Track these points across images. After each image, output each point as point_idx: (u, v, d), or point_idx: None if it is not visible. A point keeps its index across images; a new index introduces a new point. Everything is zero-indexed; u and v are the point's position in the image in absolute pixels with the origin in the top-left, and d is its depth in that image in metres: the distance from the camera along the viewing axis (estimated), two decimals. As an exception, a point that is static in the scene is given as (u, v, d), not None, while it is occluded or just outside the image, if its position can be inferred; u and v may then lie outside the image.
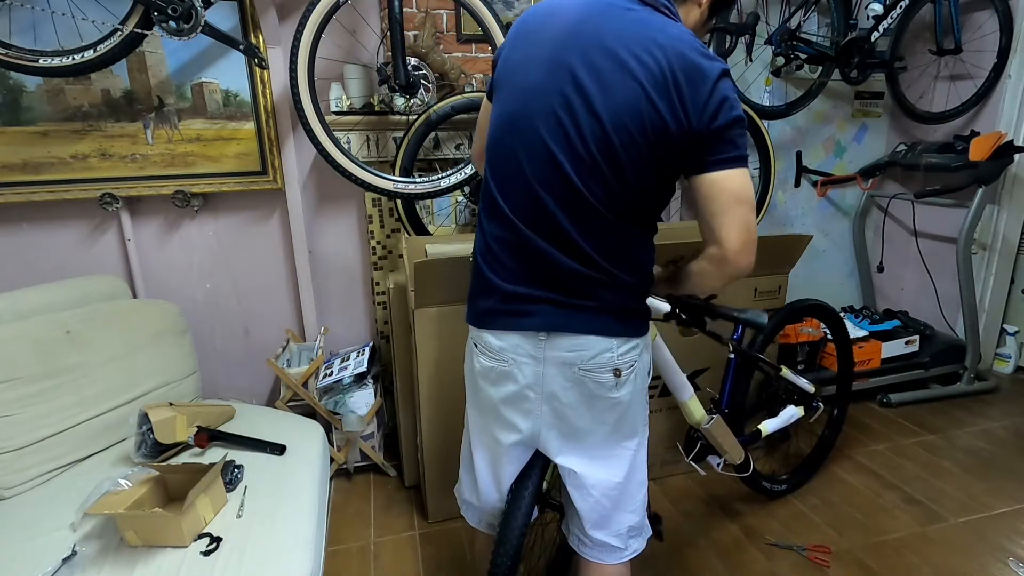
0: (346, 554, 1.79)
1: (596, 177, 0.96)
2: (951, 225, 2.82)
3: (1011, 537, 1.81)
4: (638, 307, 1.07)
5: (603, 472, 1.13)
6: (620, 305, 1.03)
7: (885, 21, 2.45)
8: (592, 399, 1.06)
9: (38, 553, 1.20)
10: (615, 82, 0.93)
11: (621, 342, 1.04)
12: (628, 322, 1.05)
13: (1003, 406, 2.65)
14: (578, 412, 1.08)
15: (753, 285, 2.02)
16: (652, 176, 0.97)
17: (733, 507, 1.98)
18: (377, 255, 2.36)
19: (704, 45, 0.96)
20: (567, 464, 1.12)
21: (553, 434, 1.11)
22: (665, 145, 0.94)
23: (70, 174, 1.95)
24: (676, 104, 0.92)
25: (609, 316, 1.02)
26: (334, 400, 2.07)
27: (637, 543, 1.21)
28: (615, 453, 1.13)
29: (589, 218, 0.98)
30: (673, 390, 1.56)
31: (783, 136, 2.86)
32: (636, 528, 1.20)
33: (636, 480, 1.18)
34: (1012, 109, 2.65)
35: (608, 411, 1.08)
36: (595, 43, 0.94)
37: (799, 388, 1.89)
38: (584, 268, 0.99)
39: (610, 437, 1.11)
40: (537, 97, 0.98)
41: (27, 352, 1.49)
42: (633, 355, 1.06)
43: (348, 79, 2.11)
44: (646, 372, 1.14)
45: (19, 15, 1.76)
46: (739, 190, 0.95)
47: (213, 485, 1.31)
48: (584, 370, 1.04)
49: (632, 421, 1.12)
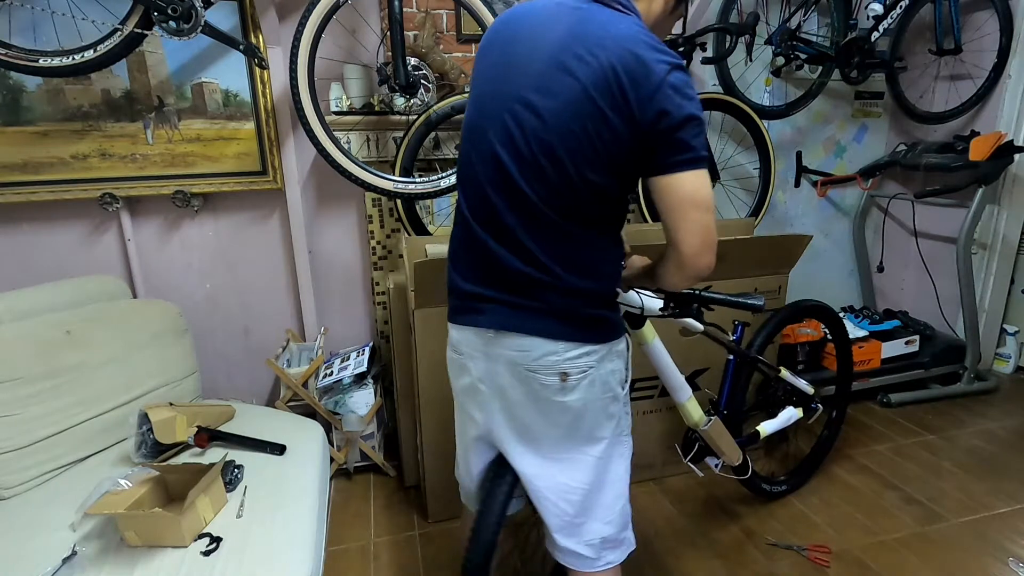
0: (346, 554, 1.79)
1: (539, 177, 0.96)
2: (951, 225, 2.82)
3: (1011, 537, 1.81)
4: (594, 313, 1.03)
5: (561, 476, 1.10)
6: (567, 309, 1.01)
7: (885, 21, 2.45)
8: (539, 400, 1.05)
9: (38, 553, 1.20)
10: (557, 83, 0.93)
11: (570, 346, 1.02)
12: (579, 327, 1.02)
13: (1003, 406, 2.65)
14: (527, 411, 1.07)
15: (753, 285, 2.02)
16: (602, 176, 0.95)
17: (733, 507, 1.98)
18: (377, 255, 2.36)
19: (657, 40, 0.93)
20: (521, 467, 1.12)
21: (506, 432, 1.11)
22: (613, 145, 0.93)
23: (70, 174, 1.95)
24: (620, 103, 0.90)
25: (553, 319, 1.01)
26: (334, 400, 2.07)
27: (613, 555, 1.16)
28: (573, 457, 1.10)
29: (535, 219, 0.98)
30: (671, 391, 1.56)
31: (783, 136, 2.86)
32: (612, 541, 1.15)
33: (609, 490, 1.14)
34: (1012, 109, 2.65)
35: (559, 414, 1.06)
36: (542, 47, 0.96)
37: (798, 389, 1.89)
38: (530, 269, 0.99)
39: (565, 440, 1.09)
40: (490, 104, 1.00)
41: (27, 352, 1.49)
42: (586, 361, 1.03)
43: (348, 79, 2.11)
44: (612, 381, 1.09)
45: (19, 15, 1.76)
46: (692, 194, 0.92)
47: (213, 485, 1.31)
48: (529, 370, 1.03)
49: (590, 427, 1.09)
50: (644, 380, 1.95)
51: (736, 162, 2.73)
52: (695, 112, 0.91)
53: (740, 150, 2.73)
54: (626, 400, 1.16)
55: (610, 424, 1.11)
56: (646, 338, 1.43)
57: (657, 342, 1.45)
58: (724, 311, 1.66)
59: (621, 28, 0.93)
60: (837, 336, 2.10)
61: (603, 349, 1.05)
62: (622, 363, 1.12)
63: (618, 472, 1.15)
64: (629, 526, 1.20)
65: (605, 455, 1.12)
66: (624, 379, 1.13)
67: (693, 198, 0.92)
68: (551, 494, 1.11)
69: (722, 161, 2.60)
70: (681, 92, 0.90)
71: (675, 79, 0.90)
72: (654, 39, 0.93)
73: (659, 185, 0.94)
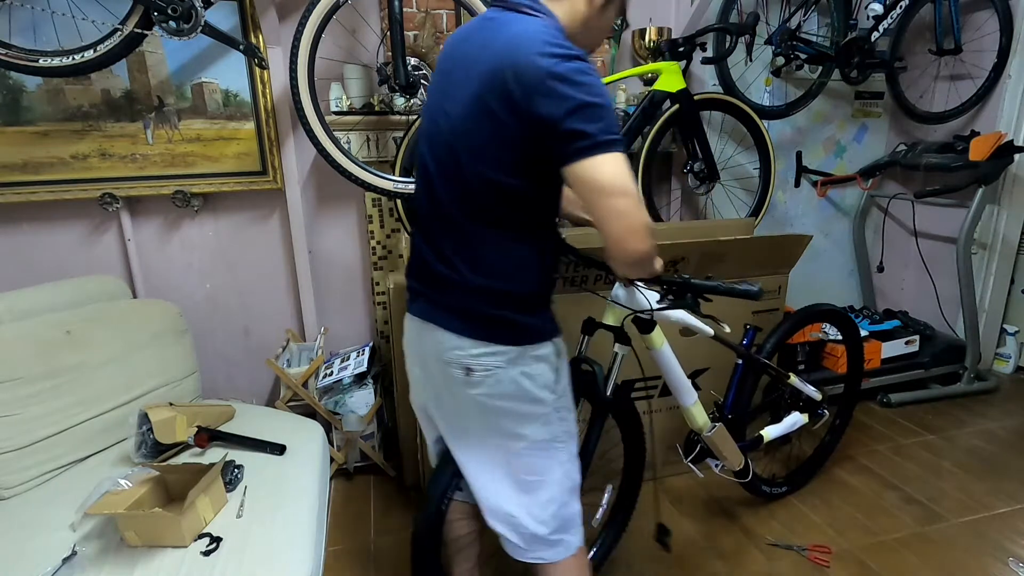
0: (346, 554, 1.79)
1: (450, 179, 1.02)
2: (951, 225, 2.82)
3: (1011, 537, 1.81)
4: (500, 314, 1.04)
5: (482, 465, 1.16)
6: (471, 308, 1.05)
7: (885, 21, 2.45)
8: (454, 390, 1.11)
9: (38, 553, 1.20)
10: (461, 89, 0.99)
11: (474, 344, 1.05)
12: (483, 326, 1.05)
13: (1003, 406, 2.65)
14: (448, 398, 1.14)
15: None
16: (507, 176, 0.97)
17: (733, 507, 1.98)
18: (377, 255, 2.36)
19: (554, 36, 0.93)
20: (452, 448, 1.20)
21: (438, 416, 1.20)
22: (509, 143, 0.95)
23: (70, 174, 1.95)
24: (508, 100, 0.92)
25: (458, 316, 1.06)
26: (334, 400, 2.07)
27: (546, 553, 1.17)
28: (491, 450, 1.14)
29: (448, 220, 1.04)
30: (676, 395, 1.56)
31: (783, 136, 2.86)
32: (543, 540, 1.15)
33: (541, 492, 1.14)
34: (1012, 109, 2.65)
35: (470, 406, 1.11)
36: (460, 60, 1.02)
37: (806, 395, 1.88)
38: (443, 267, 1.06)
39: (484, 432, 1.13)
40: (426, 117, 1.10)
41: (27, 352, 1.49)
42: (492, 360, 1.05)
43: (348, 79, 2.11)
44: (528, 384, 1.08)
45: (19, 15, 1.76)
46: (598, 179, 0.90)
47: (213, 485, 1.31)
48: (443, 361, 1.09)
49: (507, 425, 1.10)
50: (645, 380, 1.95)
51: (736, 162, 2.73)
52: (586, 98, 0.89)
53: (740, 150, 2.73)
54: (562, 406, 1.15)
55: (532, 426, 1.11)
56: (655, 343, 1.45)
57: (666, 348, 1.46)
58: (732, 310, 1.65)
59: (517, 28, 0.96)
60: (851, 343, 2.06)
61: (512, 351, 1.06)
62: (546, 368, 1.11)
63: (552, 476, 1.15)
64: (572, 531, 1.19)
65: (528, 454, 1.13)
66: (550, 384, 1.12)
67: (598, 184, 0.90)
68: (475, 481, 1.17)
69: (722, 161, 2.59)
70: (569, 81, 0.89)
71: (563, 69, 0.89)
72: (553, 37, 0.93)
73: (568, 175, 0.94)
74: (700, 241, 1.77)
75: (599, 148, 0.89)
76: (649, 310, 1.34)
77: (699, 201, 2.72)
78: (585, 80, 0.90)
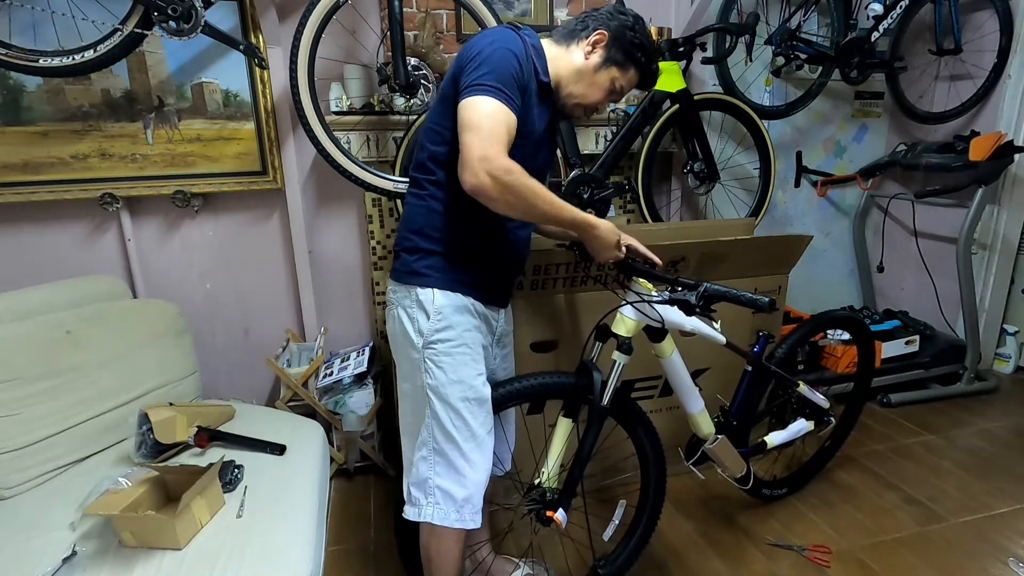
0: (346, 554, 1.79)
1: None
2: (951, 225, 2.82)
3: (1011, 537, 1.81)
4: (403, 259, 1.23)
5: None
6: (396, 256, 1.26)
7: (885, 21, 2.45)
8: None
9: (38, 553, 1.20)
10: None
11: (390, 283, 1.26)
12: (395, 269, 1.25)
13: (1003, 406, 2.65)
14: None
15: (753, 285, 2.02)
16: (433, 144, 1.18)
17: (733, 508, 1.98)
18: (377, 255, 2.36)
19: (509, 34, 1.12)
20: None
21: None
22: (448, 115, 1.13)
23: (70, 174, 1.95)
24: (454, 75, 1.13)
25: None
26: (334, 400, 2.07)
27: (409, 510, 1.23)
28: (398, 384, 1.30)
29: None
30: (682, 402, 1.56)
31: (783, 136, 2.86)
32: (409, 493, 1.24)
33: (408, 437, 1.27)
34: (1012, 109, 2.65)
35: (390, 340, 1.30)
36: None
37: (813, 403, 1.87)
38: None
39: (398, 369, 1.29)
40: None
41: (27, 352, 1.49)
42: (392, 296, 1.25)
43: (348, 79, 2.11)
44: (408, 326, 1.20)
45: (19, 15, 1.76)
46: (461, 115, 1.06)
47: (209, 488, 1.30)
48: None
49: (399, 361, 1.27)
50: (644, 380, 1.95)
51: (736, 162, 2.73)
52: (471, 54, 1.08)
53: (740, 150, 2.73)
54: (432, 366, 1.18)
55: (410, 368, 1.23)
56: (664, 352, 1.47)
57: (676, 356, 1.48)
58: (732, 310, 1.64)
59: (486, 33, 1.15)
60: (864, 350, 2.05)
61: (402, 290, 1.22)
62: (422, 315, 1.19)
63: (415, 424, 1.24)
64: (426, 493, 1.21)
65: (408, 396, 1.25)
66: (420, 332, 1.19)
67: (463, 119, 1.05)
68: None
69: (722, 161, 2.60)
70: (471, 44, 1.10)
71: (471, 42, 1.10)
72: (499, 34, 1.12)
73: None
74: (700, 241, 1.77)
75: (470, 90, 1.05)
76: (660, 320, 1.36)
77: (699, 201, 2.72)
78: (481, 42, 1.09)
